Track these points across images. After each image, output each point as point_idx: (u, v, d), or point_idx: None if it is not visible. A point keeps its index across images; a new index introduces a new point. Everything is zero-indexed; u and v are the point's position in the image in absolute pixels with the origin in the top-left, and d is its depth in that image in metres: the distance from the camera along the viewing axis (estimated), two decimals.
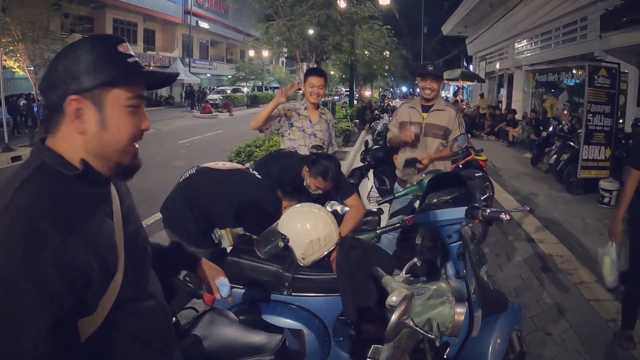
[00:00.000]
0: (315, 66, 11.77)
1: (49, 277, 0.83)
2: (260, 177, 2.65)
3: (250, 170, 2.76)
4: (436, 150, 3.67)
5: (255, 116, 3.58)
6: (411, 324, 1.08)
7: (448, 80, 18.90)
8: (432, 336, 1.15)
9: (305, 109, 3.69)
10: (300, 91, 4.08)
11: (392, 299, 1.30)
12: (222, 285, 1.49)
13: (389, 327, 1.02)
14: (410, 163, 3.71)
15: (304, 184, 2.74)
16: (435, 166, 3.66)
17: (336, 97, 31.84)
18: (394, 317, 1.01)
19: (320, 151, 3.07)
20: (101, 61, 0.97)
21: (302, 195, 2.72)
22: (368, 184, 6.18)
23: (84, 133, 0.97)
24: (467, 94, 27.90)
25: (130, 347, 1.02)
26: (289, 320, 2.15)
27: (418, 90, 4.03)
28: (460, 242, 2.11)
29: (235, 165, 2.82)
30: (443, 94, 21.03)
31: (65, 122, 0.97)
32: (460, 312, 1.28)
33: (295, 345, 2.14)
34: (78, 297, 0.88)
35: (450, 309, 1.30)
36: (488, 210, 1.97)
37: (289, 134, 3.67)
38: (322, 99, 4.65)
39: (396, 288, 1.38)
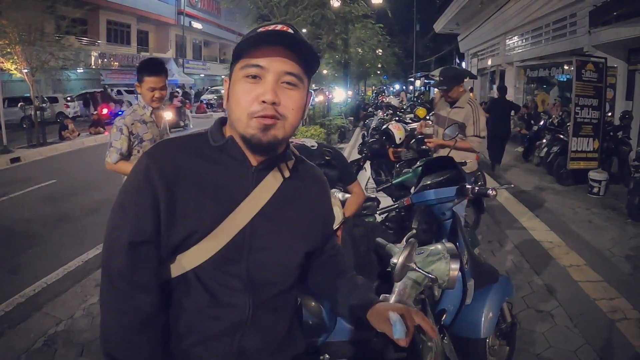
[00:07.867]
0: None
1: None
2: None
3: None
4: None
5: None
6: (414, 266, 1.27)
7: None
8: (432, 276, 1.34)
9: (151, 114, 3.21)
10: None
11: (394, 259, 1.49)
12: None
13: (396, 269, 1.20)
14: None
15: None
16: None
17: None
18: (400, 259, 1.20)
19: (328, 157, 2.88)
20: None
21: None
22: (365, 175, 6.34)
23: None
24: None
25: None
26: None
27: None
28: (453, 218, 2.31)
29: None
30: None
31: None
32: (454, 267, 1.47)
33: (308, 317, 2.31)
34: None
35: (446, 264, 1.49)
36: (477, 188, 2.17)
37: (139, 150, 3.12)
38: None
39: (398, 251, 1.56)
